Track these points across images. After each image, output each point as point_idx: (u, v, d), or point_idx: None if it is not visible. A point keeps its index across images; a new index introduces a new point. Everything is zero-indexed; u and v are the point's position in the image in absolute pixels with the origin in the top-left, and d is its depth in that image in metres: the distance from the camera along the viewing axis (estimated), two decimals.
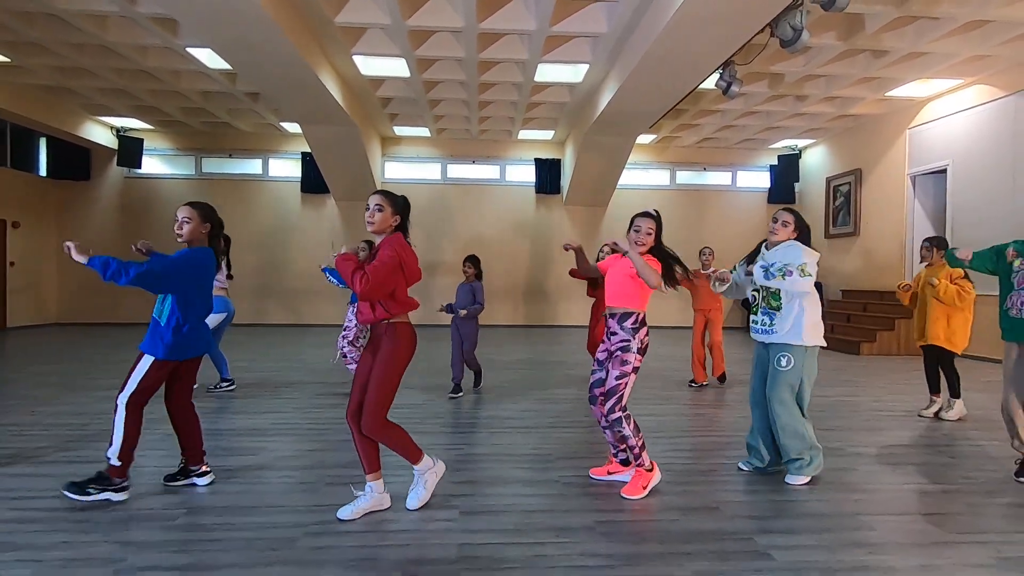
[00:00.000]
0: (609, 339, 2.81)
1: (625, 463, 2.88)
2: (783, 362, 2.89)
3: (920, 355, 4.66)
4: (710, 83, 7.53)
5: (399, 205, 2.51)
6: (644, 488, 2.70)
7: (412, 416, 4.22)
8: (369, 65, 7.80)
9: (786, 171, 11.83)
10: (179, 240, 2.70)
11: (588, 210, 11.93)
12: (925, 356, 4.56)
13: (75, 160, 10.91)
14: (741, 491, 2.83)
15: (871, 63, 7.43)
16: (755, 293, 3.05)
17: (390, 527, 2.32)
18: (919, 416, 4.47)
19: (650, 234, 2.81)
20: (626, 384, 2.68)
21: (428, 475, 2.54)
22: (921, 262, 4.70)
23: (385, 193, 2.50)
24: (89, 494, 2.47)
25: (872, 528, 2.38)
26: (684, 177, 12.21)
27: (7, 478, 2.84)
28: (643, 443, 2.72)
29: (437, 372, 6.02)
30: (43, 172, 10.86)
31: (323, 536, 2.23)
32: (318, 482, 2.85)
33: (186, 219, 2.69)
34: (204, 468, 2.80)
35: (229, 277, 5.00)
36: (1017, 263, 3.06)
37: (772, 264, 2.88)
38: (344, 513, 2.37)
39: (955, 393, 4.39)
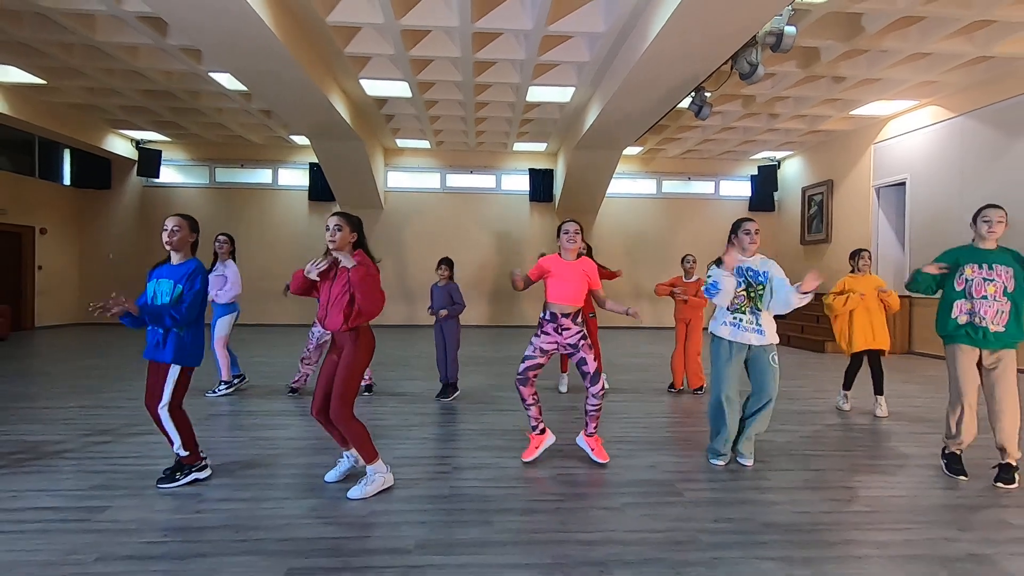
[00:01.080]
0: (560, 333, 3.26)
1: (541, 433, 3.40)
2: (775, 359, 3.26)
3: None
4: (687, 103, 8.27)
5: (355, 224, 2.81)
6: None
7: (413, 402, 4.93)
8: (374, 87, 8.52)
9: (766, 181, 12.56)
10: (168, 247, 2.88)
11: (579, 217, 12.57)
12: (858, 360, 5.02)
13: (97, 170, 11.63)
14: (677, 457, 3.53)
15: (832, 86, 8.16)
16: (743, 292, 3.28)
17: (398, 475, 3.03)
18: (837, 410, 5.07)
19: (578, 233, 3.32)
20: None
21: (379, 476, 2.80)
22: (856, 271, 5.06)
23: (342, 214, 2.79)
24: (177, 479, 2.87)
25: (767, 479, 3.10)
26: (670, 186, 12.93)
27: (118, 445, 3.57)
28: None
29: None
30: (67, 181, 11.59)
31: (345, 481, 2.93)
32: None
33: (176, 228, 2.88)
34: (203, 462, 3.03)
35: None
36: (968, 271, 3.20)
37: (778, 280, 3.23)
38: (355, 493, 2.74)
39: (882, 390, 4.88)
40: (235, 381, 5.36)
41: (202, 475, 2.94)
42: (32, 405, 4.59)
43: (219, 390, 5.15)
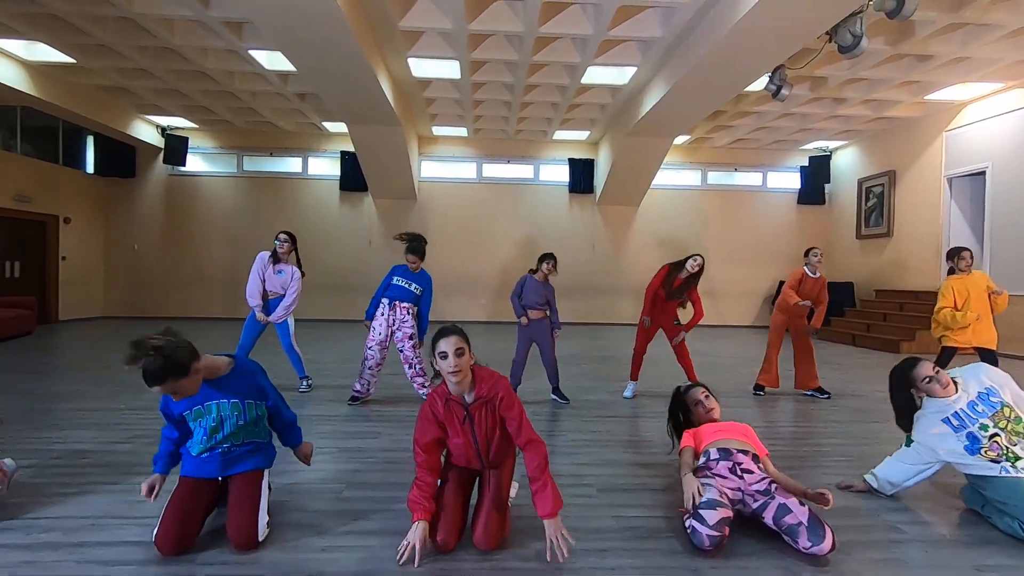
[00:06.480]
0: (741, 476, 2.30)
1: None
2: None
3: (958, 354, 4.76)
4: (755, 84, 7.71)
5: (468, 341, 2.14)
6: None
7: None
8: (421, 67, 8.00)
9: (817, 172, 11.96)
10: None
11: (620, 209, 12.11)
12: (948, 356, 4.73)
13: (121, 157, 11.17)
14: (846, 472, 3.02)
15: (915, 67, 7.57)
16: (984, 435, 2.39)
17: None
18: None
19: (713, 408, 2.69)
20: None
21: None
22: (957, 272, 4.67)
23: (457, 332, 2.10)
24: None
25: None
26: (715, 178, 12.35)
27: None
28: None
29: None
30: (90, 169, 11.14)
31: None
32: None
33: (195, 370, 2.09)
34: None
35: (303, 274, 5.13)
36: None
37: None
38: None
39: None
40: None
41: None
42: (81, 405, 4.11)
43: (304, 386, 4.91)
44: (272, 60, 7.83)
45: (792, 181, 12.34)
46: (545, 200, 12.10)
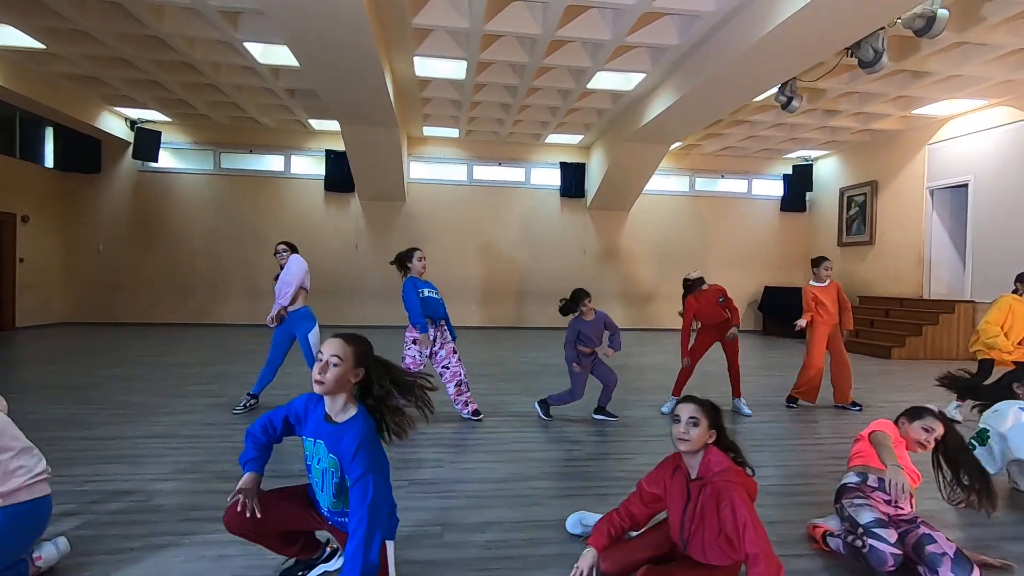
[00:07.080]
0: (892, 507, 2.27)
1: None
2: None
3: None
4: (767, 94, 7.78)
5: (715, 416, 1.99)
6: None
7: (538, 424, 4.27)
8: (426, 66, 7.72)
9: (799, 181, 12.29)
10: (319, 388, 1.79)
11: (611, 214, 12.11)
12: (987, 369, 4.75)
13: (85, 151, 10.37)
14: None
15: (908, 82, 7.82)
16: None
17: None
18: None
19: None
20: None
21: None
22: (1021, 293, 4.78)
23: (704, 404, 1.99)
24: None
25: None
26: (702, 184, 12.52)
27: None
28: None
29: (525, 378, 6.03)
30: (49, 163, 10.28)
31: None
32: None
33: (336, 360, 1.79)
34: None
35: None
36: None
37: None
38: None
39: None
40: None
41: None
42: (93, 434, 3.69)
43: None
44: (267, 53, 7.39)
45: (775, 189, 12.64)
46: (536, 204, 11.97)
